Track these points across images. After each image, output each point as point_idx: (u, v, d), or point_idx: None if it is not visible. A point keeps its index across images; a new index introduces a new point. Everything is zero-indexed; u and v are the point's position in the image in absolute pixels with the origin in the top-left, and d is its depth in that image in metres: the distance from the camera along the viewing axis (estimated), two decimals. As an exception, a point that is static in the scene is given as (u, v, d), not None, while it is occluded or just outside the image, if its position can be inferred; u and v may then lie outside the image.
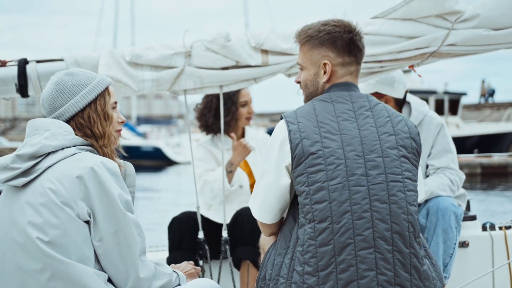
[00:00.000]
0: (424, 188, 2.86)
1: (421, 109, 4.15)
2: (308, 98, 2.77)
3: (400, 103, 4.15)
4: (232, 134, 4.35)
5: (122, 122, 2.61)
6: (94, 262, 2.31)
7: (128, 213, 2.33)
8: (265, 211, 2.67)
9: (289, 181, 2.58)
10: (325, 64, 2.68)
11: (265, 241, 3.11)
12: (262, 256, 3.18)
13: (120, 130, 2.61)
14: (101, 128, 2.47)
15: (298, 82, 2.82)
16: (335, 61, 2.68)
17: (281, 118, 2.67)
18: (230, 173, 4.26)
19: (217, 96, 4.33)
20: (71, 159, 2.34)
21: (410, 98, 4.22)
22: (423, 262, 2.53)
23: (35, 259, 2.26)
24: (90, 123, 2.46)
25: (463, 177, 4.12)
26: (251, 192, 4.29)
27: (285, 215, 2.70)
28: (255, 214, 2.71)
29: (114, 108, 2.58)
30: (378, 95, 4.07)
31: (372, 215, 2.45)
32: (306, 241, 2.48)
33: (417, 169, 2.60)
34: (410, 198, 2.52)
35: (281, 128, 2.62)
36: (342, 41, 2.67)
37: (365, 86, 4.05)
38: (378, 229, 2.45)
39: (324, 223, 2.45)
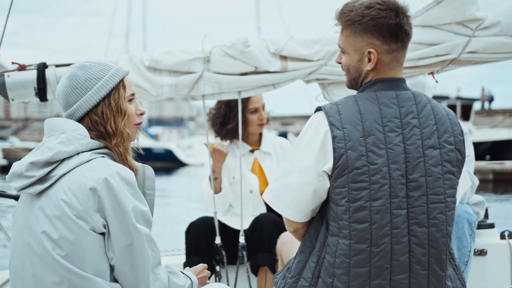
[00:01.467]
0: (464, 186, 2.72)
1: None
2: (351, 82, 2.56)
3: None
4: (205, 143, 4.27)
5: (142, 114, 2.50)
6: (110, 274, 2.28)
7: (141, 227, 2.27)
8: (298, 210, 2.48)
9: (328, 184, 2.41)
10: (369, 52, 2.45)
11: (282, 247, 3.06)
12: (280, 262, 3.14)
13: (140, 123, 2.51)
14: (113, 125, 2.38)
15: (339, 63, 2.61)
16: (381, 48, 2.45)
17: (318, 110, 2.47)
18: (215, 180, 4.24)
19: (225, 103, 4.36)
20: (86, 167, 2.28)
21: None
22: (448, 277, 2.46)
23: (52, 271, 2.23)
24: (104, 120, 2.37)
25: (477, 182, 4.06)
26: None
27: (315, 214, 2.55)
28: (284, 212, 2.51)
29: (131, 100, 2.47)
30: None
31: (409, 240, 2.36)
32: (339, 257, 2.38)
33: (459, 179, 2.48)
34: (450, 218, 2.42)
35: (322, 127, 2.42)
36: (389, 27, 2.42)
37: None
38: (414, 254, 2.36)
39: (362, 245, 2.34)
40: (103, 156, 2.35)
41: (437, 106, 2.49)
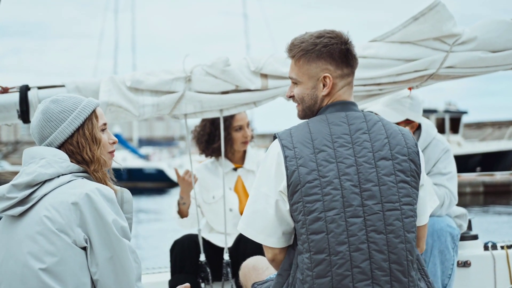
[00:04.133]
0: (434, 197, 2.83)
1: (430, 131, 4.17)
2: (305, 111, 2.69)
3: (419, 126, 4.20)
4: (175, 168, 4.41)
5: (114, 143, 2.60)
6: None
7: (123, 239, 2.33)
8: (269, 234, 2.57)
9: (288, 206, 2.52)
10: (325, 77, 2.60)
11: (246, 277, 3.02)
12: None
13: (113, 151, 2.60)
14: (90, 153, 2.47)
15: (290, 97, 2.73)
16: (335, 73, 2.61)
17: (274, 138, 2.61)
18: (183, 205, 4.28)
19: (210, 121, 4.38)
20: (67, 186, 2.35)
21: (421, 119, 4.24)
22: (418, 287, 2.51)
23: None
24: (80, 149, 2.46)
25: (455, 201, 4.08)
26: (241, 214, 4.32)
27: (291, 242, 2.62)
28: (257, 238, 2.60)
29: (103, 130, 2.57)
30: (407, 121, 4.09)
31: (369, 246, 2.41)
32: (304, 271, 2.44)
33: (418, 191, 2.54)
34: (408, 225, 2.47)
35: (275, 150, 2.56)
36: (340, 52, 2.60)
37: (397, 114, 4.04)
38: (375, 260, 2.41)
39: (321, 255, 2.41)
40: (82, 178, 2.43)
41: (389, 123, 2.61)
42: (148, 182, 33.86)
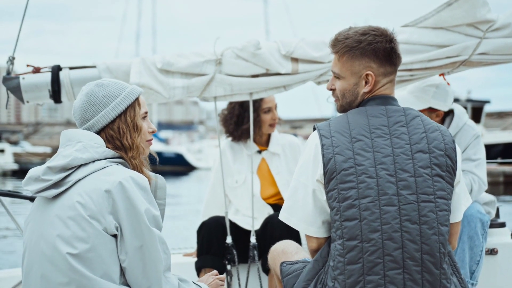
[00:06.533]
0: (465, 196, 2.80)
1: (462, 116, 4.17)
2: (344, 106, 2.71)
3: (447, 113, 4.19)
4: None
5: (153, 132, 2.61)
6: (120, 276, 2.33)
7: (154, 229, 2.33)
8: (309, 223, 2.62)
9: (325, 195, 2.55)
10: (367, 75, 2.62)
11: (276, 261, 3.05)
12: (275, 277, 3.13)
13: (151, 140, 2.61)
14: (130, 140, 2.48)
15: (331, 90, 2.75)
16: (378, 71, 2.63)
17: (314, 129, 2.64)
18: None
19: (239, 103, 4.38)
20: (101, 173, 2.36)
21: (454, 105, 4.23)
22: (451, 281, 2.51)
23: (61, 272, 2.28)
24: (120, 134, 2.47)
25: (485, 187, 4.07)
26: (263, 199, 4.34)
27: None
28: (299, 227, 2.65)
29: (144, 118, 2.58)
30: (431, 110, 4.06)
31: (402, 236, 2.43)
32: (336, 257, 2.48)
33: (453, 186, 2.55)
34: (442, 218, 2.48)
35: (314, 140, 2.60)
36: (384, 51, 2.61)
37: (419, 102, 4.03)
38: (407, 249, 2.43)
39: (353, 241, 2.44)
40: (117, 164, 2.43)
41: (427, 119, 2.63)
42: (167, 166, 34.01)
